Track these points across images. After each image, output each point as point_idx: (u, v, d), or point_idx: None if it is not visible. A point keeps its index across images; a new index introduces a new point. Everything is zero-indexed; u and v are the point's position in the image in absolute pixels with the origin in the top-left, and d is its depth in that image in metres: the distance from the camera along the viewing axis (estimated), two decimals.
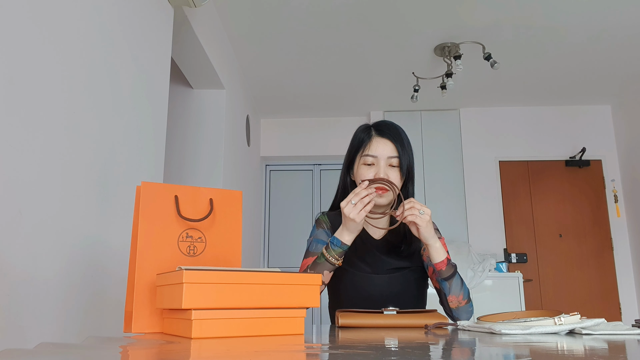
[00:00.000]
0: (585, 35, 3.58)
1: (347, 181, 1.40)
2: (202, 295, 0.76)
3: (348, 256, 1.31)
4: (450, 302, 1.22)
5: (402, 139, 1.31)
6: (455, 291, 1.21)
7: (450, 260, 1.21)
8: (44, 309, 1.24)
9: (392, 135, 1.30)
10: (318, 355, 0.62)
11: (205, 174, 3.37)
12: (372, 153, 1.29)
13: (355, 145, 1.34)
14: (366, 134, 1.33)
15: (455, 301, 1.21)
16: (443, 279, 1.21)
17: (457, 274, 1.22)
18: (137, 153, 1.89)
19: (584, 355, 0.55)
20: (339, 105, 4.93)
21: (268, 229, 5.21)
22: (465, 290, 1.23)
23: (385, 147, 1.29)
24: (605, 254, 4.62)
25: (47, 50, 1.31)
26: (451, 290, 1.21)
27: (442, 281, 1.21)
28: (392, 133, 1.31)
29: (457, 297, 1.21)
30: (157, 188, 0.98)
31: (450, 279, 1.20)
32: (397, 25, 3.44)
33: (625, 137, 4.69)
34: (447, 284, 1.20)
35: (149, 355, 0.60)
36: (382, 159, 1.28)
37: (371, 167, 1.29)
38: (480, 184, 4.82)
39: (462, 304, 1.22)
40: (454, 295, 1.21)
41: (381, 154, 1.28)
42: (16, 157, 1.16)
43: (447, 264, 1.20)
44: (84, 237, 1.46)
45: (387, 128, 1.32)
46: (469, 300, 1.24)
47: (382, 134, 1.31)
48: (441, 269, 1.20)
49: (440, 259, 1.20)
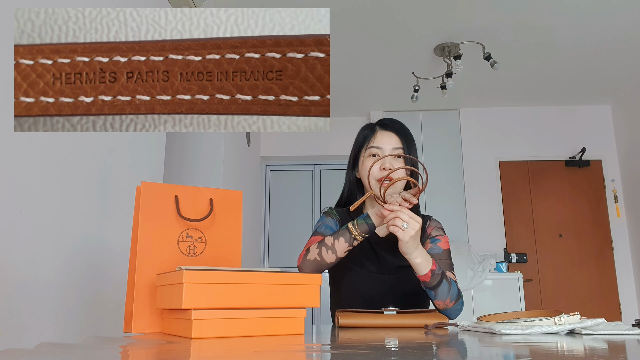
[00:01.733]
0: (585, 35, 3.58)
1: (352, 179, 1.41)
2: (202, 295, 0.76)
3: (354, 254, 1.30)
4: (437, 305, 1.22)
5: (406, 133, 1.34)
6: (442, 297, 1.19)
7: (434, 271, 1.16)
8: (44, 309, 1.24)
9: (396, 129, 1.33)
10: (318, 355, 0.62)
11: (205, 174, 3.37)
12: (377, 145, 1.31)
13: (360, 140, 1.37)
14: (370, 129, 1.36)
15: (442, 304, 1.20)
16: (428, 289, 1.19)
17: (442, 282, 1.18)
18: (137, 153, 1.89)
19: (584, 355, 0.55)
20: (339, 105, 4.93)
21: (268, 229, 5.21)
22: (453, 293, 1.20)
23: (390, 140, 1.31)
24: (605, 254, 4.62)
25: None
26: (437, 296, 1.19)
27: (427, 289, 1.20)
28: (397, 127, 1.34)
29: (444, 302, 1.20)
30: (157, 188, 0.98)
31: (436, 288, 1.18)
32: (397, 25, 3.44)
33: (625, 137, 4.69)
34: (433, 292, 1.19)
35: (149, 355, 0.60)
36: (386, 151, 1.29)
37: (376, 159, 1.30)
38: (480, 184, 4.82)
39: (449, 306, 1.20)
40: (441, 300, 1.20)
41: (386, 145, 1.30)
42: (16, 157, 1.16)
43: (432, 275, 1.16)
44: (84, 237, 1.46)
45: (391, 122, 1.36)
46: (457, 300, 1.21)
47: (386, 127, 1.34)
48: (425, 281, 1.17)
49: (424, 272, 1.15)
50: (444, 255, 1.30)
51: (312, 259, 1.20)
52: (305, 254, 1.24)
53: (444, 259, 1.30)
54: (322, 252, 1.20)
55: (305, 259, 1.22)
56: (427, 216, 1.41)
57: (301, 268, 1.23)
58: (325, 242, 1.20)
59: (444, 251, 1.31)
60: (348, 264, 1.32)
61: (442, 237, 1.34)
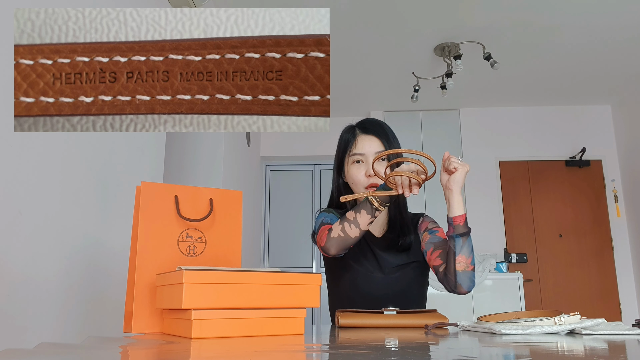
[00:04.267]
0: (585, 35, 3.58)
1: (339, 183, 1.41)
2: (202, 295, 0.76)
3: (353, 254, 1.31)
4: (459, 262, 1.17)
5: (386, 134, 1.33)
6: (466, 252, 1.16)
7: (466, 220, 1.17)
8: (44, 309, 1.24)
9: (376, 131, 1.33)
10: (318, 356, 0.62)
11: (205, 174, 3.37)
12: (359, 151, 1.31)
13: (342, 146, 1.37)
14: (351, 134, 1.36)
15: (463, 263, 1.17)
16: (457, 235, 1.16)
17: (469, 237, 1.18)
18: (137, 153, 1.89)
19: (584, 356, 0.55)
20: (339, 105, 4.93)
21: (268, 229, 5.21)
22: (473, 256, 1.19)
23: (372, 144, 1.31)
24: (605, 254, 4.62)
25: None
26: (462, 249, 1.16)
27: (456, 237, 1.16)
28: (376, 129, 1.33)
29: (467, 260, 1.17)
30: (157, 188, 0.98)
31: (465, 236, 1.16)
32: (397, 25, 3.44)
33: (625, 137, 4.69)
34: (461, 240, 1.16)
35: (149, 355, 0.60)
36: (370, 156, 1.30)
37: (361, 165, 1.31)
38: (480, 184, 4.82)
39: (469, 268, 1.17)
40: (464, 255, 1.16)
41: (368, 150, 1.31)
42: (16, 157, 1.16)
43: (465, 221, 1.16)
44: (84, 237, 1.46)
45: (371, 125, 1.35)
46: (474, 268, 1.20)
47: (367, 131, 1.33)
48: (458, 224, 1.15)
49: (460, 212, 1.15)
50: (444, 244, 1.30)
51: (337, 236, 1.18)
52: (327, 233, 1.21)
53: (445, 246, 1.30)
54: (345, 227, 1.18)
55: (330, 237, 1.19)
56: (419, 214, 1.41)
57: (327, 248, 1.20)
58: (347, 217, 1.19)
59: (444, 240, 1.31)
60: (347, 263, 1.33)
61: (439, 228, 1.35)
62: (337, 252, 1.20)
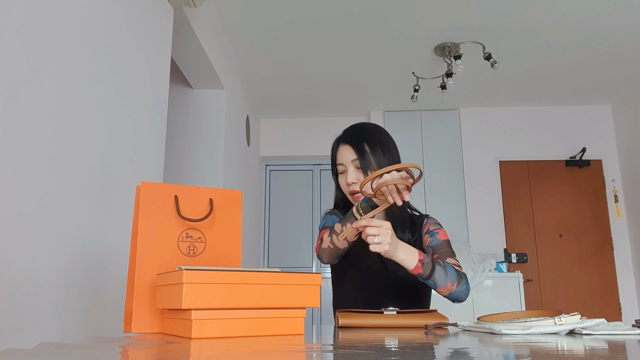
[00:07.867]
0: (585, 35, 3.58)
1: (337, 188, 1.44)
2: (202, 295, 0.76)
3: (356, 252, 1.32)
4: (442, 292, 1.21)
5: (361, 141, 1.31)
6: (442, 283, 1.18)
7: (423, 260, 1.16)
8: (44, 309, 1.24)
9: (352, 139, 1.33)
10: (318, 356, 0.62)
11: (205, 174, 3.37)
12: (339, 161, 1.35)
13: (331, 156, 1.40)
14: (335, 143, 1.39)
15: (446, 289, 1.20)
16: (425, 280, 1.19)
17: (435, 268, 1.17)
18: (137, 153, 1.89)
19: (584, 356, 0.55)
20: (339, 105, 4.93)
21: (268, 229, 5.21)
22: (452, 276, 1.19)
23: (347, 153, 1.32)
24: (606, 254, 4.62)
25: (47, 51, 1.31)
26: (437, 284, 1.19)
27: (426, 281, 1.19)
28: (353, 137, 1.33)
29: (447, 286, 1.19)
30: (157, 188, 0.98)
31: (431, 276, 1.17)
32: (397, 25, 3.44)
33: (626, 137, 4.68)
34: (430, 281, 1.18)
35: (149, 355, 0.60)
36: (348, 165, 1.32)
37: (343, 175, 1.34)
38: (480, 184, 4.82)
39: (453, 290, 1.20)
40: (442, 286, 1.19)
41: (345, 159, 1.33)
42: (16, 157, 1.16)
43: (422, 265, 1.16)
44: (84, 237, 1.46)
45: (350, 132, 1.36)
46: (459, 282, 1.20)
47: (345, 140, 1.35)
48: (419, 274, 1.17)
49: (412, 266, 1.15)
50: (443, 245, 1.31)
51: (327, 247, 1.24)
52: (320, 243, 1.28)
53: (444, 248, 1.31)
54: (333, 239, 1.22)
55: (321, 247, 1.26)
56: (423, 215, 1.42)
57: (320, 257, 1.28)
58: (335, 229, 1.23)
59: (443, 241, 1.33)
60: (351, 262, 1.34)
61: (440, 230, 1.36)
62: (329, 261, 1.28)
